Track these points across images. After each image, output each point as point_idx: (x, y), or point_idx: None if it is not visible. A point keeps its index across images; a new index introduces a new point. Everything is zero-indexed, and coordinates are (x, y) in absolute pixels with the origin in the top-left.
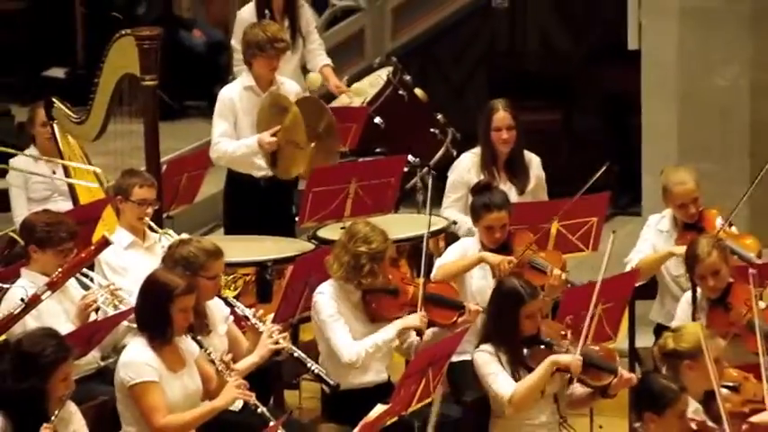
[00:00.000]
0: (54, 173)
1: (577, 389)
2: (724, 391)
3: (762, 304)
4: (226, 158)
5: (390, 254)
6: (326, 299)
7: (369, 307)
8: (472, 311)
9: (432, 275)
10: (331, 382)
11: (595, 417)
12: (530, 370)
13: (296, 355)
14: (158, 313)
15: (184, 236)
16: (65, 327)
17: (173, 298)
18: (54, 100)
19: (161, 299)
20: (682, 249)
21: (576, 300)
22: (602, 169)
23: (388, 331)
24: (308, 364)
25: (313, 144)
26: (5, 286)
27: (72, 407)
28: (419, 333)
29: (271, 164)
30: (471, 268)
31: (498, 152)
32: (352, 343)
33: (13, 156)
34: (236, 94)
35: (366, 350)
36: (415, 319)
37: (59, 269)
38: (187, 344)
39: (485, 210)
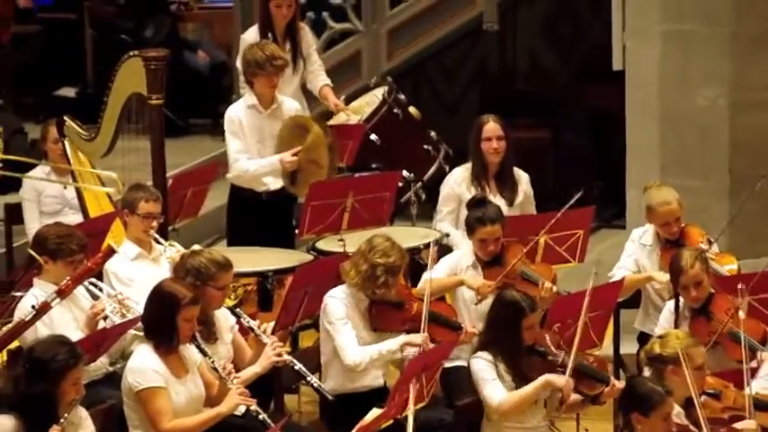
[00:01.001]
0: (65, 187)
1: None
2: (705, 397)
3: (741, 315)
4: (247, 177)
5: (405, 270)
6: (337, 303)
7: (373, 317)
8: (468, 333)
9: (418, 286)
10: (328, 396)
11: (581, 420)
12: (526, 378)
13: (296, 368)
14: (165, 322)
15: (196, 247)
16: (75, 334)
17: (179, 308)
18: (65, 118)
19: (168, 308)
20: (662, 276)
21: (564, 309)
22: (577, 195)
23: (393, 344)
24: (308, 378)
25: None
26: (19, 294)
27: (83, 412)
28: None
29: (290, 182)
30: (452, 289)
31: (488, 164)
32: (357, 348)
33: (27, 170)
34: (241, 113)
35: (371, 356)
36: (418, 338)
37: (68, 278)
38: (189, 351)
39: (479, 223)
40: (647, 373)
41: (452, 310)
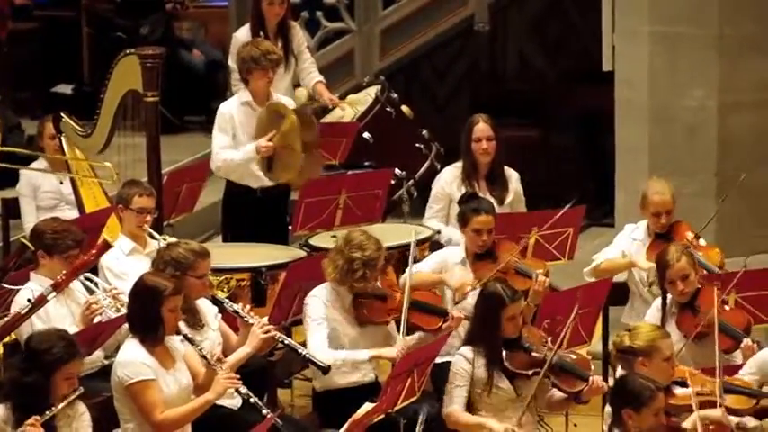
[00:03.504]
0: (61, 183)
1: (555, 394)
2: (673, 386)
3: (726, 308)
4: (225, 167)
5: (383, 262)
6: (317, 302)
7: (358, 311)
8: (455, 318)
9: (401, 279)
10: (321, 364)
11: (570, 416)
12: (506, 371)
13: (286, 342)
14: (150, 315)
15: (172, 239)
16: (71, 329)
17: (162, 299)
18: (62, 114)
19: (152, 301)
20: (644, 263)
21: (554, 305)
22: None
23: (362, 354)
24: (299, 350)
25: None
26: (16, 288)
27: (81, 407)
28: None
29: (266, 169)
30: (434, 286)
31: (479, 163)
32: (326, 350)
33: (24, 165)
34: (234, 110)
35: (335, 360)
36: (390, 351)
37: (64, 272)
38: (174, 342)
39: (473, 213)
40: (619, 369)
41: (438, 298)
